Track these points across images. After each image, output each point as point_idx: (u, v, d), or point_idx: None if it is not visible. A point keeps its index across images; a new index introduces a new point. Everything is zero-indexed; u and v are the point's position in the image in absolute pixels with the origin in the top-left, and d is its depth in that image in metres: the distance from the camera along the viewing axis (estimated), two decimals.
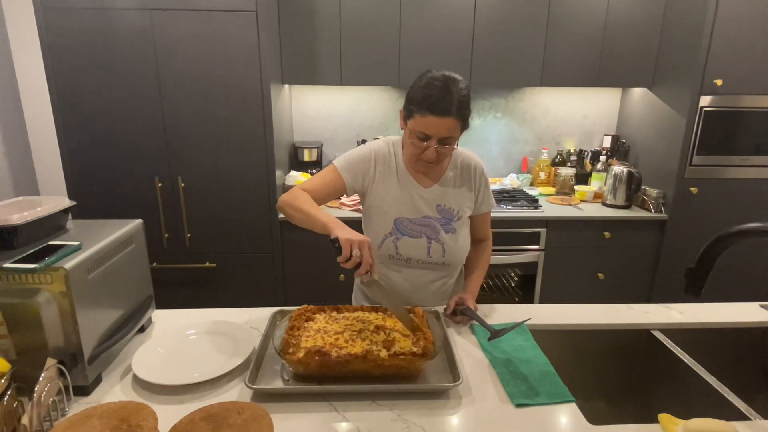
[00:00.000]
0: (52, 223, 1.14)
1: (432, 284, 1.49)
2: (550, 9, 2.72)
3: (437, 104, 1.20)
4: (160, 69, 2.37)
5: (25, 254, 0.97)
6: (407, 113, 1.28)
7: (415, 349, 1.08)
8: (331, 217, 1.20)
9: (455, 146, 1.31)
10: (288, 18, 2.66)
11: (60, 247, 1.01)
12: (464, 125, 1.27)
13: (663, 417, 0.95)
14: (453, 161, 1.43)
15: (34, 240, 1.06)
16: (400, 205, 1.41)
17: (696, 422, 0.90)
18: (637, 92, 3.07)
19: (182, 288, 2.69)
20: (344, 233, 1.11)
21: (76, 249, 1.02)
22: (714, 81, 2.53)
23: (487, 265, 1.56)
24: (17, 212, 1.03)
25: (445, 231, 1.42)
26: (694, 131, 2.62)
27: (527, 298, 2.89)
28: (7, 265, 0.92)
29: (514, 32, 2.75)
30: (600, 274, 2.85)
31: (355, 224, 2.76)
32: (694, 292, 1.06)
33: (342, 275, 2.77)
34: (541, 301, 2.87)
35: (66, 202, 1.16)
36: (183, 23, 2.31)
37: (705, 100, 2.57)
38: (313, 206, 1.27)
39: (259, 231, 2.64)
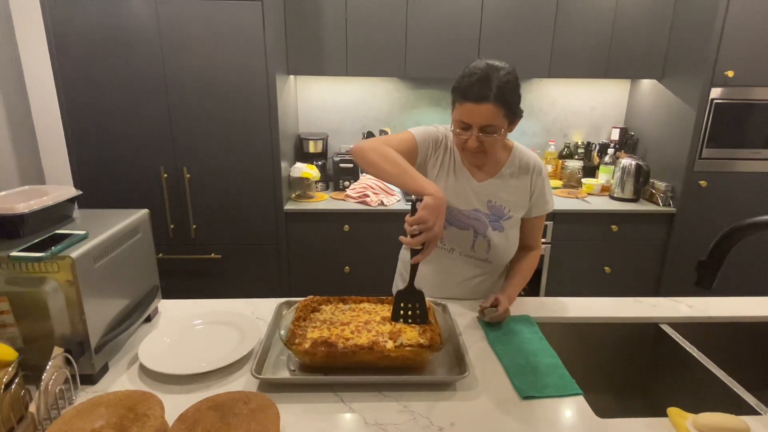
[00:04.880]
0: (59, 212, 1.13)
1: (472, 280, 1.46)
2: None
3: (473, 90, 1.18)
4: (166, 58, 2.36)
5: (31, 243, 0.97)
6: (452, 104, 1.27)
7: (421, 341, 1.07)
8: (432, 186, 1.13)
9: (499, 135, 1.23)
10: (294, 8, 2.64)
11: (67, 236, 1.01)
12: (509, 113, 1.21)
13: (672, 411, 0.94)
14: (512, 159, 1.39)
15: (40, 229, 1.06)
16: (452, 194, 1.38)
17: (706, 416, 0.89)
18: (647, 84, 3.03)
19: (187, 279, 2.69)
20: (429, 216, 1.07)
21: (83, 238, 1.02)
22: (725, 73, 2.49)
23: (531, 274, 1.48)
24: (24, 201, 1.03)
25: (492, 228, 1.39)
26: (704, 124, 2.58)
27: (532, 291, 2.88)
28: (14, 253, 0.92)
29: (523, 22, 2.72)
30: (607, 268, 2.83)
31: (363, 216, 2.75)
32: (705, 285, 1.04)
33: (347, 267, 2.77)
34: (547, 295, 2.86)
35: (72, 191, 1.16)
36: (188, 13, 2.30)
37: (716, 92, 2.54)
38: (410, 166, 1.21)
39: (265, 222, 2.64)
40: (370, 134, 3.06)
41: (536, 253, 1.51)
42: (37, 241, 0.99)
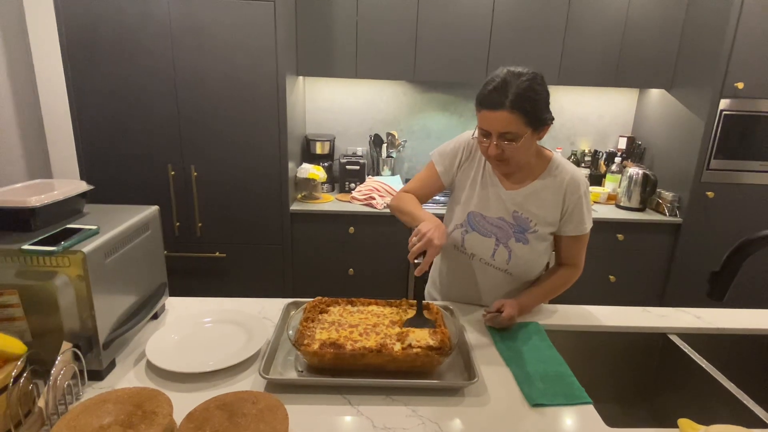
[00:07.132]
0: (70, 207, 1.13)
1: (493, 290, 1.43)
2: (569, 7, 2.69)
3: (489, 98, 1.18)
4: (176, 56, 2.36)
5: (43, 237, 0.97)
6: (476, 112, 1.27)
7: (431, 342, 1.07)
8: (429, 214, 1.29)
9: (518, 142, 1.19)
10: (305, 9, 2.65)
11: (78, 230, 1.01)
12: (530, 120, 1.18)
13: (683, 422, 0.93)
14: (547, 171, 1.34)
15: (51, 223, 1.06)
16: (477, 199, 1.38)
17: (717, 428, 0.88)
18: (655, 93, 3.03)
19: (192, 277, 2.69)
20: (424, 226, 1.18)
21: (94, 233, 1.02)
22: (735, 84, 2.49)
23: (556, 291, 1.45)
24: (35, 195, 1.03)
25: (516, 239, 1.36)
26: (713, 135, 2.58)
27: None
28: (26, 247, 0.92)
29: (533, 29, 2.72)
30: (611, 277, 2.82)
31: (368, 218, 2.74)
32: (717, 297, 1.04)
33: (351, 269, 2.76)
34: (550, 302, 2.84)
35: (84, 186, 1.15)
36: (200, 12, 2.30)
37: (725, 104, 2.53)
38: (416, 206, 1.37)
39: (271, 222, 2.63)
40: (377, 137, 3.06)
41: (571, 272, 1.44)
42: (48, 234, 0.98)
